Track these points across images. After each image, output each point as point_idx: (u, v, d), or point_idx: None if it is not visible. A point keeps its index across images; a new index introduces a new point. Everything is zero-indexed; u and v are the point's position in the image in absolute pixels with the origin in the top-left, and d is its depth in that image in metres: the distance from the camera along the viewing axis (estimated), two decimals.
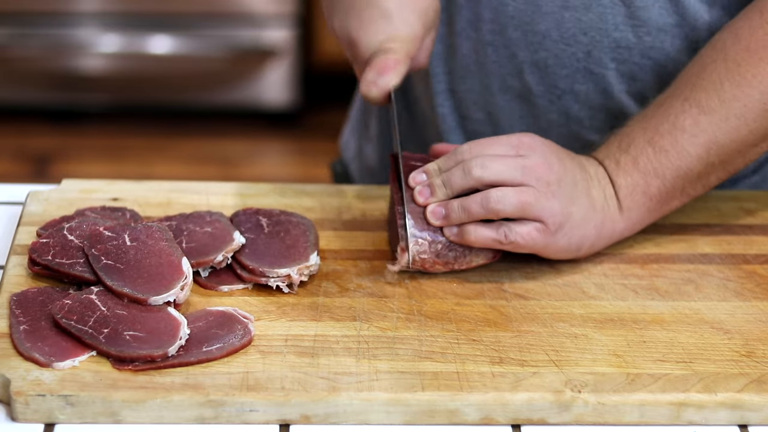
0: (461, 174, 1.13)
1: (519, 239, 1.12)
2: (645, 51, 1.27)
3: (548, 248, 1.13)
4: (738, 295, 1.14)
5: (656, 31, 1.26)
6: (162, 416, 0.98)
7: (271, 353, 1.03)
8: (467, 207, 1.12)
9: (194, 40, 3.25)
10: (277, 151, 3.39)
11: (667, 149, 1.16)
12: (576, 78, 1.30)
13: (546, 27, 1.28)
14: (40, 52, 3.23)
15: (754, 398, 1.00)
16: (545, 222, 1.12)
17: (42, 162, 3.22)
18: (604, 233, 1.16)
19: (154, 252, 1.09)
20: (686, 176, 1.17)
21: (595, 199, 1.15)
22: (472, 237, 1.13)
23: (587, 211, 1.14)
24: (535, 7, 1.27)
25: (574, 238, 1.14)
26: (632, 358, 1.04)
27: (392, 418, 0.99)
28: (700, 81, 1.17)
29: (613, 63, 1.28)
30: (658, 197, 1.17)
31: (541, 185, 1.12)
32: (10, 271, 1.12)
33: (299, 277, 1.11)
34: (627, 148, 1.17)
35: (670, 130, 1.16)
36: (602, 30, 1.26)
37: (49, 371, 0.99)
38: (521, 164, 1.12)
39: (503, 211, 1.11)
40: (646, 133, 1.17)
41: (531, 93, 1.32)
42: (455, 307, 1.10)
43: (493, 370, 1.02)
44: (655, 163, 1.16)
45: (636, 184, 1.16)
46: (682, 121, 1.16)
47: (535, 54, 1.29)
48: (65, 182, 1.27)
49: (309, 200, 1.26)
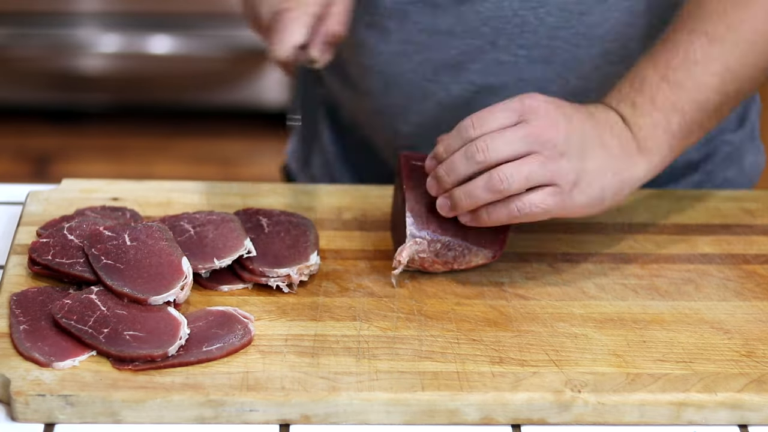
0: (464, 160, 1.09)
1: (534, 208, 1.08)
2: (551, 32, 1.25)
3: (567, 209, 1.10)
4: (738, 295, 1.14)
5: (558, 10, 1.24)
6: (162, 416, 0.98)
7: (271, 353, 1.03)
8: (472, 194, 1.09)
9: (194, 40, 3.25)
10: (277, 151, 3.38)
11: (683, 83, 1.13)
12: (488, 70, 1.28)
13: (447, 24, 1.27)
14: (40, 52, 3.23)
15: (754, 398, 1.00)
16: (557, 183, 1.08)
17: (42, 162, 3.22)
18: (625, 179, 1.12)
19: (154, 252, 1.08)
20: (704, 108, 1.15)
21: (610, 147, 1.11)
22: (486, 219, 1.10)
23: (602, 161, 1.10)
24: (433, 7, 1.26)
25: (593, 192, 1.10)
26: (632, 358, 1.04)
27: (392, 418, 0.99)
28: (702, 12, 1.15)
29: (522, 50, 1.26)
30: (679, 133, 1.14)
31: (547, 149, 1.08)
32: (10, 270, 1.12)
33: (299, 276, 1.11)
34: (641, 87, 1.14)
35: (682, 63, 1.14)
36: (501, 17, 1.25)
37: (49, 371, 0.99)
38: (524, 133, 1.08)
39: (510, 189, 1.08)
40: (658, 70, 1.14)
41: (450, 94, 1.30)
42: (455, 307, 1.10)
43: (493, 370, 1.02)
44: (673, 98, 1.13)
45: (657, 122, 1.13)
46: (693, 52, 1.14)
47: (444, 53, 1.29)
48: (65, 182, 1.27)
49: (309, 200, 1.26)
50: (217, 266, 1.10)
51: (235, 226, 1.14)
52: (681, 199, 1.29)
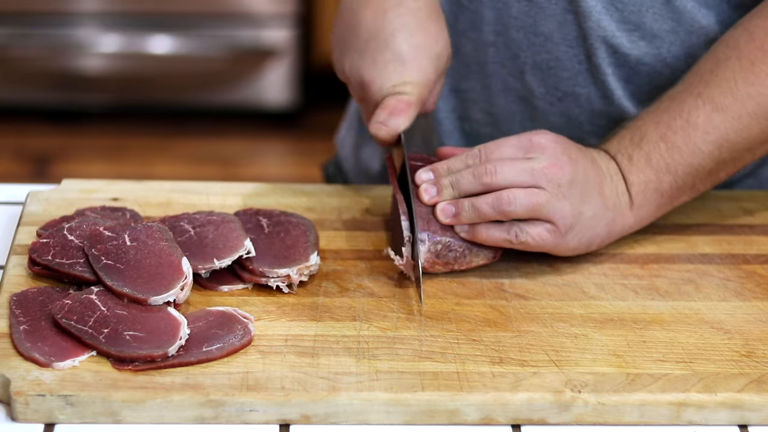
0: (470, 179, 1.13)
1: (530, 240, 1.13)
2: (640, 57, 1.27)
3: (558, 248, 1.14)
4: (738, 295, 1.14)
5: (650, 36, 1.26)
6: (162, 416, 0.98)
7: (271, 353, 1.03)
8: (478, 207, 1.12)
9: (194, 40, 3.25)
10: (276, 151, 3.38)
11: (679, 146, 1.16)
12: (578, 81, 1.30)
13: (548, 29, 1.28)
14: (40, 52, 3.23)
15: (754, 398, 1.00)
16: (555, 223, 1.12)
17: (42, 162, 3.22)
18: (614, 230, 1.16)
19: (154, 252, 1.08)
20: (697, 173, 1.17)
21: (607, 197, 1.15)
22: (483, 236, 1.13)
23: (598, 209, 1.14)
24: (539, 9, 1.27)
25: (584, 238, 1.14)
26: (632, 358, 1.04)
27: (392, 418, 0.99)
28: (713, 78, 1.17)
29: (610, 68, 1.28)
30: (670, 193, 1.17)
31: (552, 187, 1.12)
32: (10, 271, 1.12)
33: (299, 277, 1.11)
34: (639, 142, 1.17)
35: (683, 126, 1.16)
36: (600, 36, 1.27)
37: (49, 371, 0.99)
38: (531, 168, 1.12)
39: (514, 212, 1.11)
40: (658, 128, 1.17)
41: (532, 94, 1.32)
42: (455, 307, 1.10)
43: (493, 370, 1.02)
44: (668, 159, 1.16)
45: (648, 180, 1.16)
46: (695, 117, 1.16)
47: (537, 55, 1.29)
48: (65, 182, 1.27)
49: (309, 200, 1.26)
50: (217, 266, 1.10)
51: (235, 226, 1.14)
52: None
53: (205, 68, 3.29)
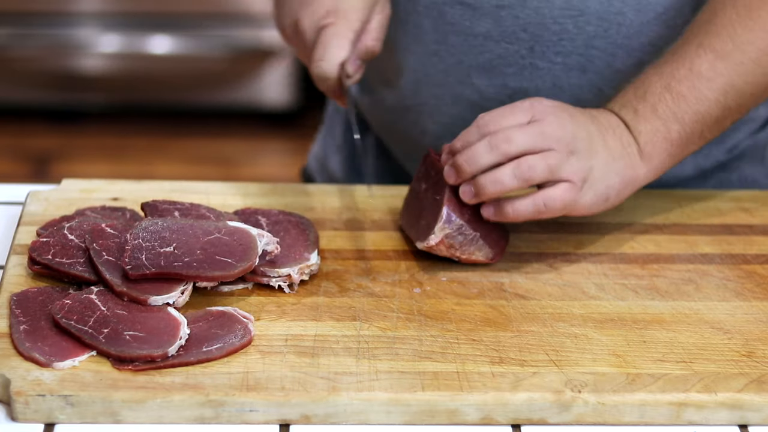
0: (486, 149, 1.12)
1: (557, 203, 1.12)
2: (589, 41, 1.27)
3: (577, 204, 1.13)
4: (738, 295, 1.14)
5: (597, 19, 1.25)
6: (162, 416, 0.98)
7: (271, 353, 1.03)
8: (500, 180, 1.12)
9: (194, 40, 3.25)
10: (277, 151, 3.38)
11: (685, 94, 1.16)
12: (523, 75, 1.29)
13: (485, 28, 1.27)
14: (40, 52, 3.23)
15: (754, 398, 1.00)
16: (571, 180, 1.12)
17: (42, 162, 3.22)
18: (627, 180, 1.15)
19: None
20: (705, 120, 1.17)
21: (613, 148, 1.15)
22: (511, 214, 1.13)
23: (606, 160, 1.14)
24: (472, 10, 1.27)
25: (599, 190, 1.14)
26: (632, 358, 1.04)
27: (392, 418, 0.99)
28: (712, 27, 1.17)
29: (559, 56, 1.28)
30: (679, 141, 1.17)
31: (561, 146, 1.12)
32: (10, 270, 1.12)
33: (299, 276, 1.11)
34: (644, 95, 1.17)
35: (686, 75, 1.16)
36: (541, 24, 1.26)
37: (49, 371, 0.99)
38: (540, 131, 1.12)
39: (535, 176, 1.11)
40: (662, 79, 1.17)
41: (482, 97, 1.31)
42: (455, 307, 1.10)
43: (493, 370, 1.02)
44: (674, 108, 1.16)
45: (657, 129, 1.16)
46: (699, 65, 1.16)
47: (479, 56, 1.29)
48: (65, 182, 1.27)
49: (309, 200, 1.26)
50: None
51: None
52: (681, 199, 1.29)
53: (205, 68, 3.28)
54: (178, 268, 1.06)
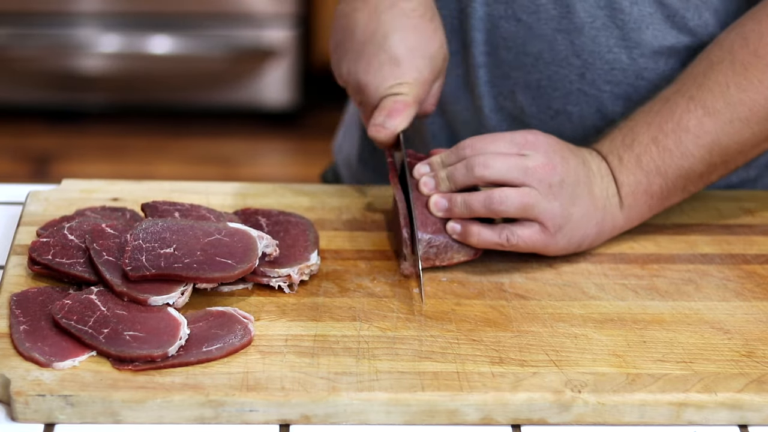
0: (464, 171, 1.13)
1: (521, 242, 1.13)
2: (640, 72, 1.27)
3: (548, 248, 1.14)
4: (738, 295, 1.14)
5: (650, 53, 1.26)
6: (162, 416, 0.98)
7: (271, 353, 1.03)
8: (470, 204, 1.13)
9: (194, 40, 3.25)
10: (277, 151, 3.38)
11: (670, 149, 1.16)
12: (569, 99, 1.29)
13: (538, 49, 1.27)
14: (40, 52, 3.23)
15: (754, 398, 1.00)
16: (545, 224, 1.13)
17: (42, 162, 3.22)
18: (604, 230, 1.17)
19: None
20: (688, 175, 1.17)
21: (597, 198, 1.15)
22: (474, 239, 1.13)
23: (588, 209, 1.15)
24: (527, 29, 1.27)
25: (574, 238, 1.15)
26: (632, 358, 1.04)
27: (392, 418, 0.99)
28: (706, 81, 1.17)
29: (608, 85, 1.28)
30: (660, 195, 1.17)
31: (542, 187, 1.12)
32: (10, 271, 1.12)
33: (299, 276, 1.11)
34: (631, 144, 1.17)
35: (674, 129, 1.16)
36: (595, 52, 1.26)
37: (49, 371, 0.99)
38: (524, 165, 1.12)
39: (505, 211, 1.12)
40: (650, 130, 1.17)
41: (523, 113, 1.31)
42: (455, 307, 1.10)
43: (493, 370, 1.02)
44: (658, 162, 1.16)
45: (639, 182, 1.16)
46: (687, 121, 1.16)
47: (527, 75, 1.29)
48: (65, 182, 1.27)
49: (309, 200, 1.26)
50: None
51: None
52: (690, 196, 1.29)
53: (205, 68, 3.28)
54: (178, 269, 1.06)
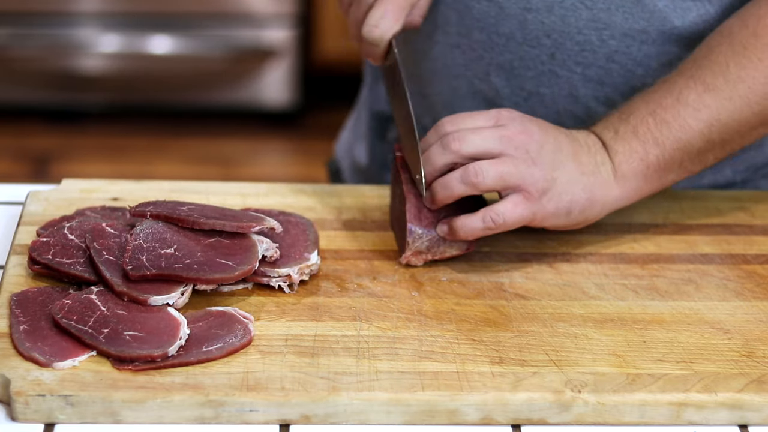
0: (440, 150, 1.13)
1: (507, 218, 1.12)
2: (610, 55, 1.27)
3: (537, 215, 1.13)
4: (738, 295, 1.14)
5: (621, 35, 1.26)
6: (162, 416, 0.98)
7: (271, 353, 1.03)
8: (447, 184, 1.13)
9: (194, 40, 3.25)
10: (277, 151, 3.38)
11: (668, 121, 1.16)
12: (541, 80, 1.29)
13: (510, 29, 1.27)
14: (40, 52, 3.23)
15: (754, 398, 1.00)
16: (527, 189, 1.12)
17: (42, 162, 3.22)
18: (596, 198, 1.15)
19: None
20: (686, 149, 1.17)
21: (584, 164, 1.15)
22: (461, 233, 1.13)
23: (573, 174, 1.14)
24: (499, 9, 1.27)
25: (562, 203, 1.13)
26: (632, 358, 1.04)
27: (392, 418, 0.99)
28: (705, 61, 1.17)
29: (579, 67, 1.28)
30: (656, 166, 1.17)
31: (520, 153, 1.12)
32: (10, 271, 1.12)
33: (299, 276, 1.11)
34: (627, 118, 1.17)
35: (673, 103, 1.16)
36: (565, 33, 1.26)
37: (49, 371, 0.99)
38: (499, 134, 1.12)
39: (483, 183, 1.11)
40: (648, 105, 1.17)
41: (498, 95, 1.32)
42: (455, 307, 1.10)
43: (493, 370, 1.02)
44: (655, 133, 1.16)
45: (634, 150, 1.16)
46: (686, 96, 1.16)
47: (500, 56, 1.29)
48: (65, 182, 1.27)
49: (309, 200, 1.26)
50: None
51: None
52: (681, 199, 1.29)
53: (205, 68, 3.28)
54: (179, 270, 1.06)
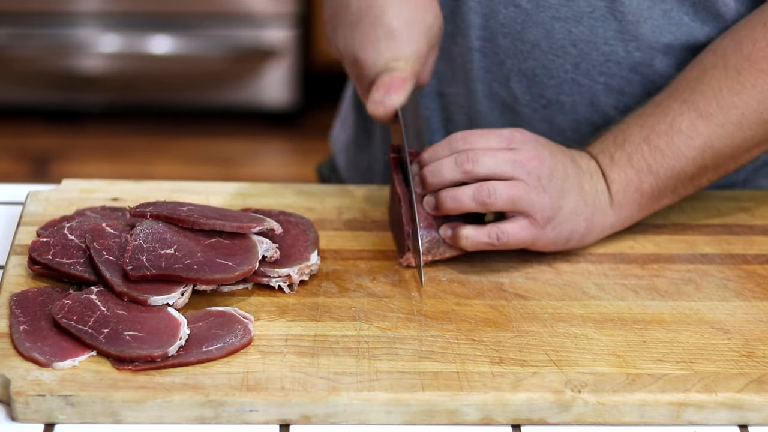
0: (452, 166, 1.13)
1: (510, 239, 1.13)
2: (634, 66, 1.27)
3: (538, 241, 1.14)
4: (738, 295, 1.14)
5: (647, 47, 1.26)
6: (162, 416, 0.98)
7: (271, 353, 1.03)
8: (459, 199, 1.13)
9: (194, 40, 3.25)
10: (277, 151, 3.38)
11: (662, 148, 1.16)
12: (563, 89, 1.29)
13: (535, 37, 1.27)
14: (40, 52, 3.23)
15: (754, 398, 1.00)
16: (534, 216, 1.13)
17: (42, 162, 3.22)
18: (594, 227, 1.17)
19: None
20: (679, 176, 1.18)
21: (587, 193, 1.15)
22: (464, 242, 1.14)
23: (577, 204, 1.15)
24: (526, 16, 1.26)
25: (563, 232, 1.15)
26: (632, 358, 1.04)
27: (392, 418, 0.99)
28: (699, 85, 1.17)
29: (602, 77, 1.28)
30: (650, 194, 1.17)
31: (531, 179, 1.12)
32: (10, 271, 1.12)
33: (299, 276, 1.11)
34: (622, 143, 1.17)
35: (666, 130, 1.17)
36: (592, 43, 1.26)
37: (49, 371, 0.99)
38: (512, 158, 1.12)
39: (494, 204, 1.12)
40: (642, 131, 1.17)
41: (516, 101, 1.31)
42: (455, 307, 1.10)
43: (493, 370, 1.02)
44: (649, 161, 1.16)
45: (629, 180, 1.17)
46: (679, 122, 1.17)
47: (523, 63, 1.29)
48: (65, 182, 1.27)
49: (309, 200, 1.26)
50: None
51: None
52: (681, 199, 1.29)
53: (205, 68, 3.29)
54: (179, 270, 1.06)
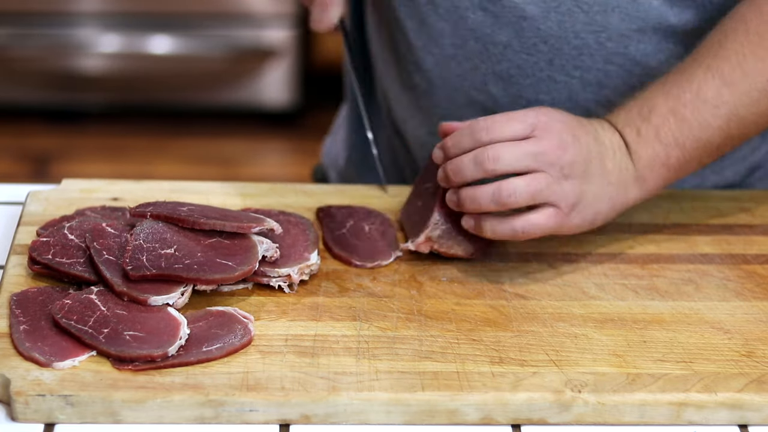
0: (472, 165, 1.11)
1: (536, 229, 1.12)
2: (608, 57, 1.26)
3: (563, 228, 1.13)
4: (738, 295, 1.14)
5: (618, 36, 1.25)
6: (162, 416, 0.98)
7: (271, 353, 1.03)
8: (478, 200, 1.11)
9: (194, 40, 3.25)
10: (277, 151, 3.38)
11: (689, 120, 1.15)
12: (540, 87, 1.29)
13: (506, 38, 1.27)
14: (40, 52, 3.23)
15: (754, 398, 1.00)
16: (558, 205, 1.11)
17: (42, 162, 3.22)
18: (617, 204, 1.15)
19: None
20: (705, 147, 1.16)
21: (610, 172, 1.14)
22: (488, 233, 1.13)
23: (601, 186, 1.13)
24: (494, 18, 1.26)
25: (588, 215, 1.13)
26: (632, 358, 1.04)
27: (392, 418, 0.99)
28: (722, 50, 1.16)
29: (577, 71, 1.27)
30: (676, 167, 1.16)
31: (554, 170, 1.11)
32: (10, 270, 1.12)
33: (299, 276, 1.11)
34: (648, 115, 1.16)
35: (692, 99, 1.15)
36: (562, 38, 1.26)
37: (49, 371, 0.99)
38: (533, 151, 1.11)
39: (515, 203, 1.11)
40: (668, 101, 1.16)
41: (497, 104, 1.31)
42: (455, 307, 1.10)
43: (493, 370, 1.02)
44: (677, 134, 1.15)
45: (657, 155, 1.15)
46: (705, 91, 1.15)
47: (497, 65, 1.29)
48: (65, 182, 1.27)
49: (309, 200, 1.26)
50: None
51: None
52: (681, 199, 1.29)
53: (205, 68, 3.28)
54: (179, 270, 1.06)
